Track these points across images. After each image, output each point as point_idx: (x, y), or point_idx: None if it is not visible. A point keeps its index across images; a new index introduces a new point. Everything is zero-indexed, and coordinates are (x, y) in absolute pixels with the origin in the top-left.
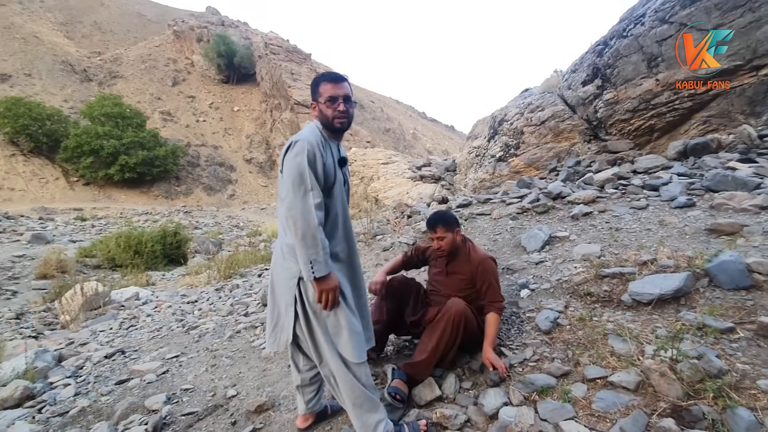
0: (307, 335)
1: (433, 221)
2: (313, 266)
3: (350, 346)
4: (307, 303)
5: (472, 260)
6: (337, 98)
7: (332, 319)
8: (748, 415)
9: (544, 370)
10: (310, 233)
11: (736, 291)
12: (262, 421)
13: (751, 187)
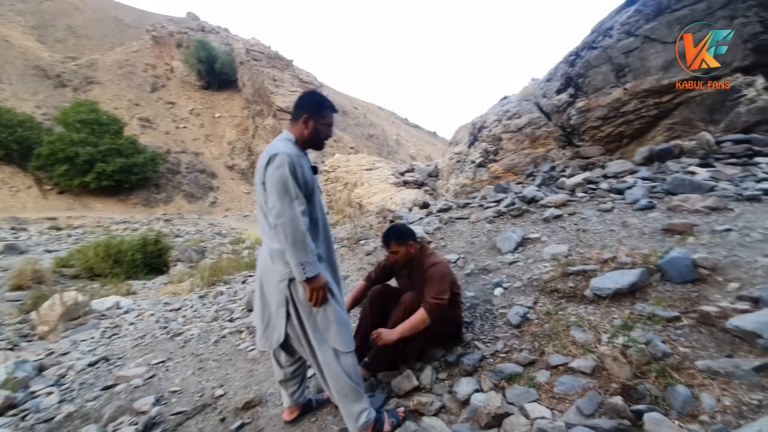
0: (300, 333)
1: (387, 237)
2: (305, 268)
3: (340, 337)
4: (298, 302)
5: (425, 266)
6: (332, 125)
7: (321, 315)
8: (685, 391)
9: (512, 360)
10: (300, 238)
11: (683, 284)
12: (250, 416)
13: (706, 190)
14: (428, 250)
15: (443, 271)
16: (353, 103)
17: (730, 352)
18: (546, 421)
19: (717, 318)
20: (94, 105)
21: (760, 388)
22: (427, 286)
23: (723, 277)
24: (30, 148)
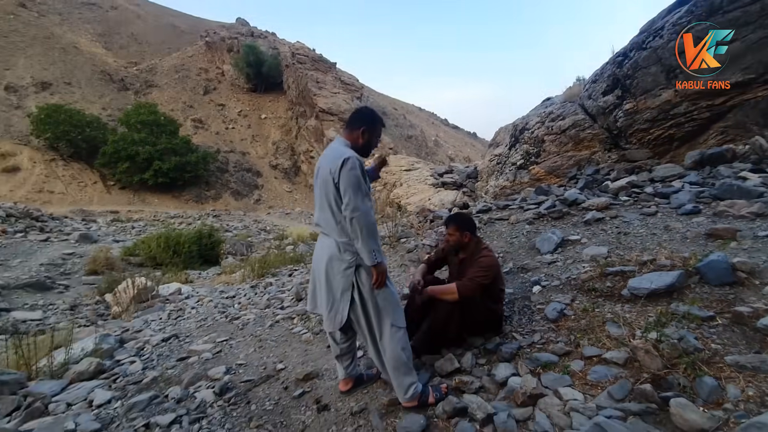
0: (362, 316)
1: (449, 220)
2: (375, 254)
3: (397, 314)
4: (362, 286)
5: (477, 256)
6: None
7: (382, 296)
8: (712, 382)
9: (548, 350)
10: (372, 229)
11: (721, 286)
12: (309, 386)
13: (754, 196)
14: (484, 245)
15: (490, 263)
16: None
17: (759, 349)
18: (578, 402)
19: (749, 318)
20: (153, 107)
21: None
22: (469, 269)
23: (760, 280)
24: (96, 147)
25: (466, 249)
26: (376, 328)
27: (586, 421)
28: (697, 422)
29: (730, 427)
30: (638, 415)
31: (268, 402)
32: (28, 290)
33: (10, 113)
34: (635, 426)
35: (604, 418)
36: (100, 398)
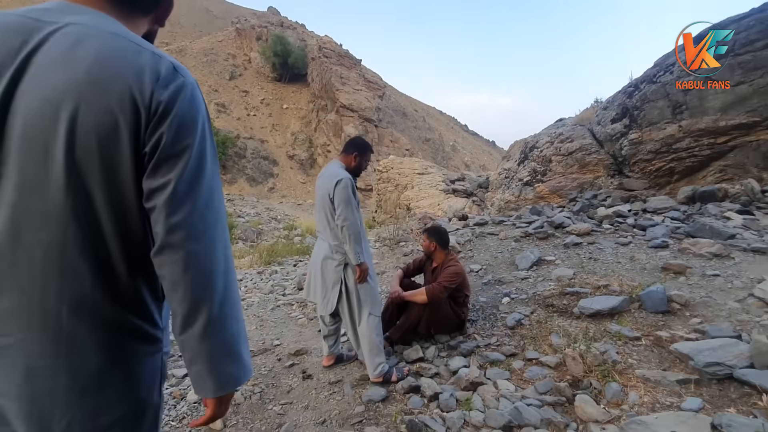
0: (346, 305)
1: (428, 229)
2: (359, 255)
3: (375, 305)
4: (348, 281)
5: (446, 265)
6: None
7: (363, 289)
8: (617, 387)
9: (499, 351)
10: (358, 235)
11: (655, 314)
12: (298, 360)
13: (724, 237)
14: (454, 257)
15: (456, 271)
16: (414, 105)
17: (666, 368)
18: (509, 392)
19: (666, 341)
20: None
21: (676, 394)
22: (439, 276)
23: (690, 312)
24: None
25: (436, 257)
26: (356, 316)
27: (509, 405)
28: (593, 414)
29: (620, 422)
30: (551, 405)
31: (264, 368)
32: None
33: None
34: (545, 412)
35: (522, 404)
36: None
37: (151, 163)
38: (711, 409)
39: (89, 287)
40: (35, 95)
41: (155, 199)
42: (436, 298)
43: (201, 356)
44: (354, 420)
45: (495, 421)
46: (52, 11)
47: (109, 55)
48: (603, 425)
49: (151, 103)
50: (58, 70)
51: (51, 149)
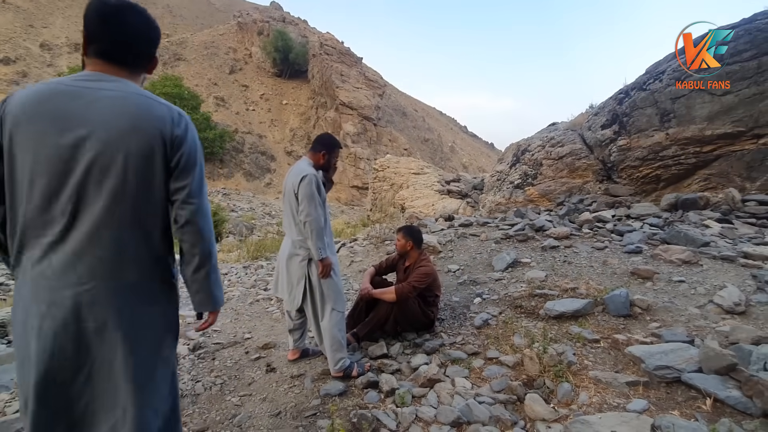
0: (310, 300)
1: (402, 228)
2: (321, 251)
3: (337, 300)
4: (311, 276)
5: (418, 265)
6: (338, 158)
7: (327, 284)
8: (569, 387)
9: (462, 349)
10: (320, 231)
11: (617, 317)
12: (265, 353)
13: (699, 244)
14: (426, 257)
15: (427, 271)
16: (414, 105)
17: (619, 370)
18: (464, 389)
19: (623, 344)
20: (178, 81)
21: (624, 396)
22: (411, 275)
23: (651, 317)
24: None
25: (409, 257)
26: (319, 310)
27: (462, 401)
28: (540, 413)
29: (566, 420)
30: (502, 403)
31: (230, 361)
32: None
33: (42, 70)
34: (495, 410)
35: (474, 401)
36: None
37: (175, 172)
38: (656, 410)
39: (141, 246)
40: (99, 136)
41: (178, 194)
42: (405, 297)
43: (205, 287)
44: (308, 413)
45: (445, 417)
46: (93, 80)
47: (142, 110)
48: (549, 424)
49: (172, 137)
50: (111, 123)
51: (112, 170)
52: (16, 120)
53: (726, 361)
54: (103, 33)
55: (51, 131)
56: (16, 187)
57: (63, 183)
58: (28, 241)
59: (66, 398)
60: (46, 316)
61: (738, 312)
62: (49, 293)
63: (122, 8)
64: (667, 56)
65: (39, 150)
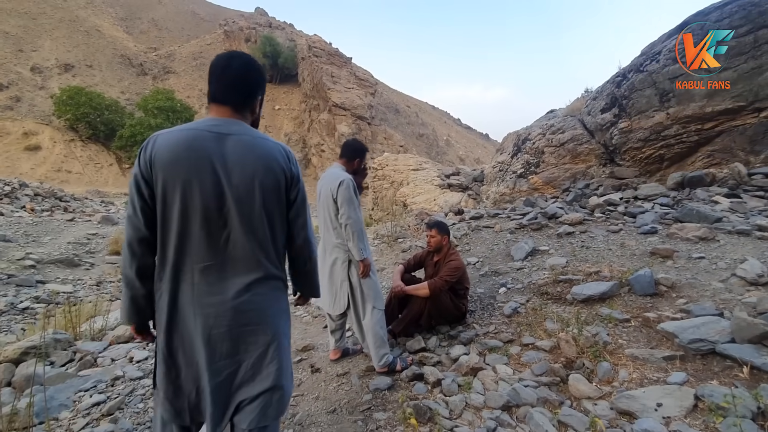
0: (351, 300)
1: (433, 223)
2: (363, 251)
3: (378, 299)
4: (352, 277)
5: (448, 259)
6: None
7: (367, 284)
8: (608, 366)
9: (497, 338)
10: (362, 232)
11: (644, 296)
12: (306, 355)
13: (711, 221)
14: (454, 251)
15: (458, 265)
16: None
17: (654, 346)
18: (507, 375)
19: (654, 322)
20: (170, 93)
21: (662, 370)
22: (441, 270)
23: (677, 293)
24: (114, 129)
25: (440, 251)
26: (360, 310)
27: (508, 387)
28: (585, 392)
29: (611, 397)
30: (547, 385)
31: None
32: (59, 265)
33: (34, 93)
34: (541, 392)
35: (519, 385)
36: (139, 356)
37: (295, 203)
38: (695, 381)
39: (271, 256)
40: (240, 174)
41: (298, 220)
42: (438, 291)
43: (314, 283)
44: (363, 407)
45: (494, 402)
46: (221, 125)
47: (268, 152)
48: (595, 401)
49: (291, 173)
50: (247, 161)
51: (253, 199)
52: (168, 163)
53: (759, 330)
54: (212, 81)
55: (202, 172)
56: (169, 221)
57: (216, 215)
58: (185, 264)
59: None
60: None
61: (762, 283)
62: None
63: (229, 58)
64: (662, 36)
65: (189, 188)
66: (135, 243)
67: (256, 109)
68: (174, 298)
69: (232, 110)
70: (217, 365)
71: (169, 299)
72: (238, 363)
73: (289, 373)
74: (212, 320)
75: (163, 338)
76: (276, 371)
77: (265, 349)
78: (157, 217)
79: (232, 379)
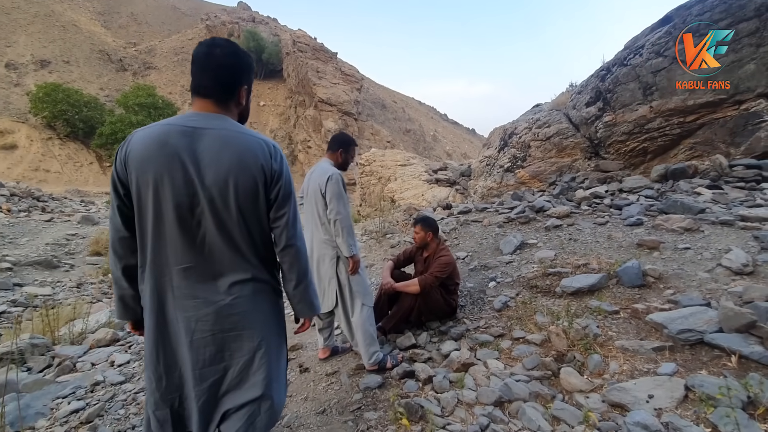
0: (340, 298)
1: (418, 219)
2: (352, 247)
3: (367, 296)
4: (340, 274)
5: (437, 255)
6: (355, 155)
7: (356, 280)
8: (599, 358)
9: (488, 332)
10: (351, 228)
11: (632, 288)
12: (294, 355)
13: (695, 211)
14: (444, 246)
15: (448, 261)
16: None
17: (643, 337)
18: (498, 370)
19: (642, 313)
20: (151, 90)
21: (652, 361)
22: (432, 266)
23: (664, 284)
24: (93, 127)
25: (428, 247)
26: (349, 307)
27: (499, 382)
28: (577, 385)
29: (602, 390)
30: (538, 379)
31: None
32: (37, 267)
33: (9, 90)
34: (533, 386)
35: (511, 380)
36: (120, 359)
37: (276, 203)
38: (684, 372)
39: (252, 258)
40: (214, 172)
41: (279, 222)
42: (429, 287)
43: (305, 298)
44: (353, 407)
45: (487, 397)
46: (198, 120)
47: (245, 147)
48: (587, 394)
49: (272, 170)
50: (221, 158)
51: (227, 199)
52: (140, 161)
53: (746, 319)
54: (194, 72)
55: (172, 170)
56: (145, 221)
57: (189, 215)
58: (163, 265)
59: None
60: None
61: (747, 273)
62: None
63: (209, 46)
64: (645, 30)
65: (161, 186)
66: (116, 244)
67: (242, 100)
68: (156, 301)
69: (214, 103)
70: (202, 371)
71: (151, 302)
72: (223, 370)
73: (281, 383)
74: (194, 324)
75: (147, 341)
76: (263, 380)
77: (251, 356)
78: (135, 217)
79: (218, 386)
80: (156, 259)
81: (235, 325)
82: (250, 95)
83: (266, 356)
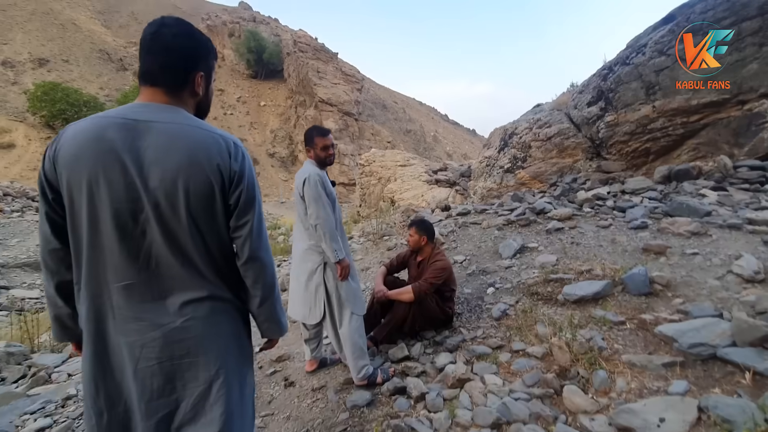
0: (327, 307)
1: (414, 222)
2: (337, 252)
3: (357, 304)
4: (328, 282)
5: (433, 259)
6: (329, 147)
7: (345, 287)
8: (604, 374)
9: (486, 344)
10: (332, 231)
11: (639, 296)
12: (281, 366)
13: (701, 215)
14: (439, 251)
15: (443, 266)
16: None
17: (652, 351)
18: (496, 387)
19: (650, 324)
20: None
21: (662, 378)
22: (426, 271)
23: (672, 293)
24: None
25: (422, 252)
26: (337, 317)
27: (497, 400)
28: (581, 405)
29: (609, 411)
30: (539, 398)
31: None
32: (25, 269)
33: (6, 89)
34: (534, 406)
35: (510, 398)
36: None
37: (236, 210)
38: (697, 390)
39: (208, 273)
40: (160, 173)
41: (240, 231)
42: (423, 295)
43: (272, 317)
44: (338, 428)
45: (483, 419)
46: (143, 112)
47: (198, 144)
48: (592, 415)
49: (230, 172)
50: (169, 156)
51: (176, 205)
52: (70, 160)
53: (760, 332)
54: (141, 56)
55: (109, 170)
56: (79, 230)
57: (131, 223)
58: (101, 283)
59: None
60: None
61: (758, 280)
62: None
63: (158, 25)
64: (648, 29)
65: (96, 189)
66: (47, 256)
67: (198, 89)
68: (94, 324)
69: (165, 93)
70: (149, 405)
71: (88, 325)
72: (175, 403)
73: (246, 416)
74: (138, 351)
75: (84, 371)
76: (221, 415)
77: (207, 386)
78: (68, 226)
79: (169, 422)
80: (92, 275)
81: (187, 351)
82: (211, 84)
83: (225, 387)
